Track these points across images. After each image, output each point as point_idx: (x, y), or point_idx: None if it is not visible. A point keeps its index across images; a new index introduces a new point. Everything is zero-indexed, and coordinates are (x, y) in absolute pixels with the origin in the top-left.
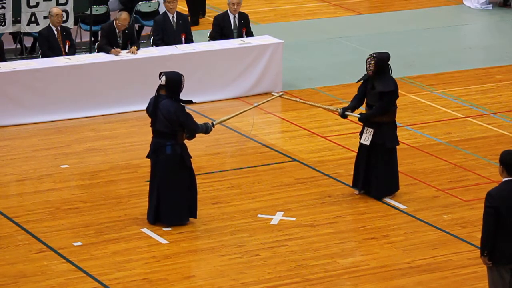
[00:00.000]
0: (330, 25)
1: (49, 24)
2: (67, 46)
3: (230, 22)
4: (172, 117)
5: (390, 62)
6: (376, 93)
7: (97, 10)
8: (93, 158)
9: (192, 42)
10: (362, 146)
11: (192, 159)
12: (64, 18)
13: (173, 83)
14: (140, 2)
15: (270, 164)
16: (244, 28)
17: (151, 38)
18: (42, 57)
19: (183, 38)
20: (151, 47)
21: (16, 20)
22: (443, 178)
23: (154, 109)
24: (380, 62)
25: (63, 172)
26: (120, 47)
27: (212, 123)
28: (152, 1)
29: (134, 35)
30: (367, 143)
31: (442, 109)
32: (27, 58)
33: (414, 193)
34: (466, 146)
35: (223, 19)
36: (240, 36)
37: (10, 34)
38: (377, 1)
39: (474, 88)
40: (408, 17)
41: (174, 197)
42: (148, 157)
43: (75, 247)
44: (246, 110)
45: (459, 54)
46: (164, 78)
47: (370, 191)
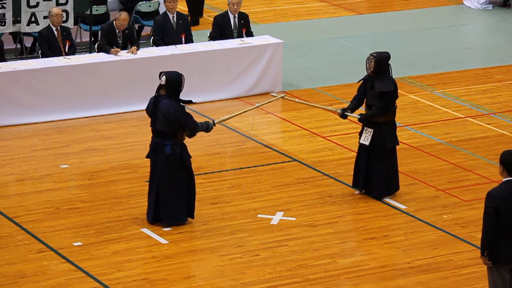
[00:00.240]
0: (330, 25)
1: (49, 24)
2: (67, 46)
3: (230, 22)
4: (171, 117)
5: (390, 62)
6: (375, 93)
7: (97, 10)
8: (93, 158)
9: (192, 42)
10: (362, 146)
11: (192, 159)
12: (64, 18)
13: (173, 83)
14: (140, 2)
15: (270, 164)
16: (244, 28)
17: (151, 38)
18: (42, 57)
19: (183, 38)
20: (151, 47)
21: (16, 20)
22: (443, 178)
23: (154, 109)
24: (380, 61)
25: (63, 172)
26: (120, 47)
27: (213, 122)
28: (152, 1)
29: (134, 35)
30: (367, 143)
31: (442, 109)
32: (27, 58)
33: (414, 193)
34: (466, 146)
35: (223, 19)
36: (240, 36)
37: (10, 34)
38: (377, 1)
39: (474, 88)
40: (408, 17)
41: (174, 197)
42: (147, 157)
43: (75, 247)
44: (248, 110)
45: (459, 54)
46: (164, 78)
47: (370, 191)
